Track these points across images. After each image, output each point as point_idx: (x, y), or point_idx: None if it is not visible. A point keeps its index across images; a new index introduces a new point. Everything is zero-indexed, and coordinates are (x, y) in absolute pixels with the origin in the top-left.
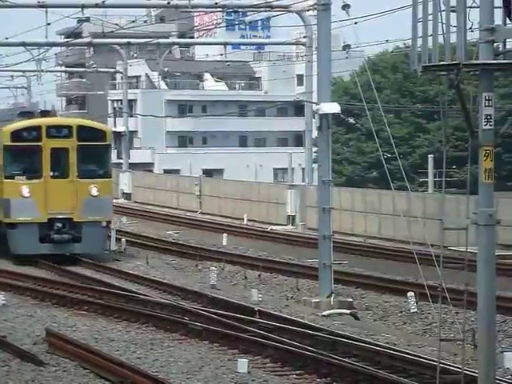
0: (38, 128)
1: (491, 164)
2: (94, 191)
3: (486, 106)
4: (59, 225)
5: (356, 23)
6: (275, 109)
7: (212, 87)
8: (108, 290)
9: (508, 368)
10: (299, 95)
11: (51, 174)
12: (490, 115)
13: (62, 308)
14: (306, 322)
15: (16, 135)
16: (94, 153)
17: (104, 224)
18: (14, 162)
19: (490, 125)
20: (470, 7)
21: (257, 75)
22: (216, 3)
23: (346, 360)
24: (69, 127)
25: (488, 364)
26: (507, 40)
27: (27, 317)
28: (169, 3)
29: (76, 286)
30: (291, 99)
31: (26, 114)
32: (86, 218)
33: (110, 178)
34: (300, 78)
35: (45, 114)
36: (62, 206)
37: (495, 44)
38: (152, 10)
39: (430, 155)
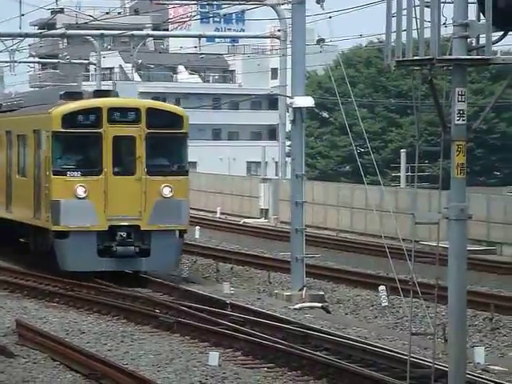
0: (97, 110)
1: (463, 159)
2: (167, 192)
3: (458, 101)
4: (123, 234)
5: (330, 17)
6: (249, 102)
7: (186, 80)
8: (78, 282)
9: (478, 363)
10: (273, 89)
11: (113, 169)
12: (462, 110)
13: (32, 299)
14: (278, 315)
15: (69, 120)
16: (168, 143)
17: (177, 233)
18: (65, 153)
19: (463, 120)
20: (444, 2)
21: (231, 68)
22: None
23: (317, 353)
24: (136, 110)
25: (458, 358)
26: (480, 36)
27: None
28: (137, 10)
29: (47, 277)
30: (265, 93)
31: (73, 94)
32: (157, 226)
33: (187, 175)
34: (274, 71)
35: (101, 94)
36: (127, 210)
37: (469, 40)
38: (126, 1)
39: (402, 150)
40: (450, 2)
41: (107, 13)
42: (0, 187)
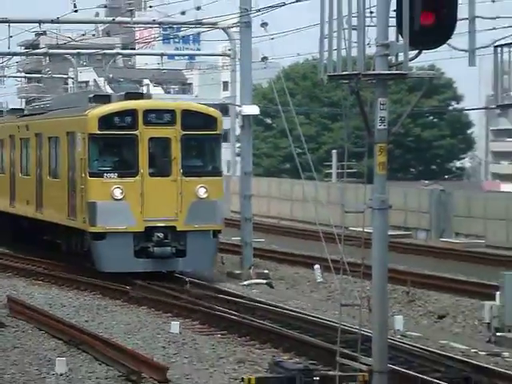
0: (133, 112)
1: (384, 158)
2: (202, 192)
3: (380, 110)
4: (160, 235)
5: (272, 38)
6: None
7: (150, 91)
8: (59, 263)
9: (398, 329)
10: (225, 99)
11: (149, 170)
12: (384, 117)
13: (21, 278)
14: (230, 290)
15: (105, 122)
16: (203, 144)
17: (212, 233)
18: (101, 155)
19: (384, 125)
20: (369, 26)
21: (189, 81)
22: (154, 20)
23: (263, 322)
24: (172, 112)
25: (381, 325)
26: (399, 54)
27: None
28: (114, 20)
29: (33, 259)
30: (218, 102)
31: (102, 97)
32: (193, 227)
33: (221, 175)
34: (225, 84)
35: (133, 96)
36: (163, 211)
37: (389, 57)
38: (99, 25)
39: (333, 150)
40: (373, 26)
41: (83, 35)
42: (29, 188)
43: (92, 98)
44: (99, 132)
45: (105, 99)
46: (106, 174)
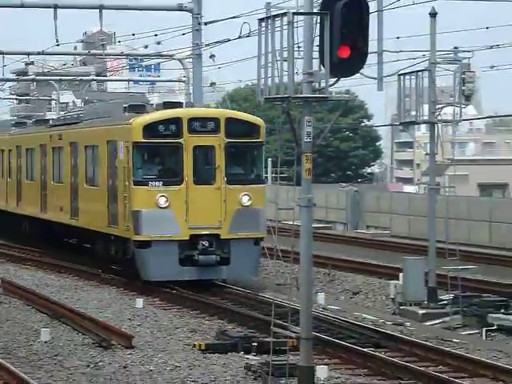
0: (177, 121)
1: (310, 165)
2: (246, 200)
3: (307, 126)
4: (205, 243)
5: (219, 68)
6: None
7: None
8: (43, 251)
9: (320, 303)
10: None
11: (194, 178)
12: (309, 132)
13: (13, 263)
14: None
15: (150, 130)
16: (246, 152)
17: (255, 241)
18: (146, 163)
19: (310, 138)
20: (296, 58)
21: (150, 103)
22: (122, 52)
23: (217, 299)
24: (216, 120)
25: (307, 300)
26: (321, 81)
27: None
28: (89, 52)
29: (23, 248)
30: None
31: (138, 107)
32: (236, 234)
33: (264, 183)
34: (181, 105)
35: (171, 106)
36: (208, 219)
37: (313, 84)
38: (77, 56)
39: (269, 159)
40: (300, 58)
41: (64, 64)
42: (63, 195)
43: (127, 108)
44: (144, 140)
45: (140, 109)
46: (150, 183)
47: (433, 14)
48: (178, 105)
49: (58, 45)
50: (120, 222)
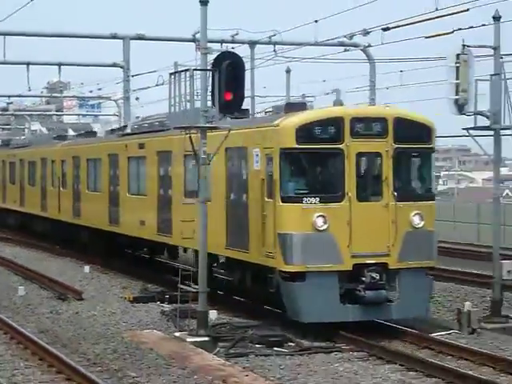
0: (338, 121)
1: (207, 173)
2: (418, 220)
3: (203, 145)
4: (374, 275)
5: (142, 106)
6: None
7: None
8: (21, 231)
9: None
10: None
11: (357, 194)
12: (205, 151)
13: None
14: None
15: (303, 133)
16: (416, 161)
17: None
18: (298, 175)
19: (204, 155)
20: (196, 100)
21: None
22: (74, 96)
23: (141, 269)
24: (382, 120)
25: (203, 267)
26: (214, 116)
27: None
28: (51, 95)
29: (4, 231)
30: None
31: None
32: (406, 264)
33: (434, 199)
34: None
35: (294, 108)
36: (374, 244)
37: (207, 117)
38: (44, 98)
39: None
40: (198, 100)
41: (33, 103)
42: (146, 210)
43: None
44: (297, 146)
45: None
46: (305, 199)
47: (287, 71)
48: (305, 106)
49: (29, 90)
50: (255, 246)
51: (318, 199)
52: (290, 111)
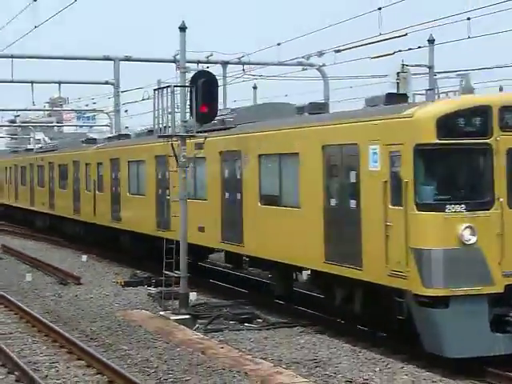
0: (484, 111)
1: (185, 174)
2: None
3: (183, 151)
4: None
5: (131, 117)
6: None
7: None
8: (29, 228)
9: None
10: None
11: (509, 199)
12: (185, 154)
13: (8, 235)
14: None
15: (445, 125)
16: None
17: None
18: (437, 177)
19: (184, 159)
20: (176, 112)
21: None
22: (72, 109)
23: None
24: None
25: (183, 255)
26: (192, 126)
27: None
28: (52, 109)
29: (14, 225)
30: None
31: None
32: None
33: None
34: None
35: (396, 99)
36: None
37: (186, 127)
38: (46, 111)
39: None
40: (178, 112)
41: (37, 116)
42: (206, 215)
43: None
44: (437, 141)
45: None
46: (448, 206)
47: (254, 87)
48: (403, 98)
49: (33, 104)
50: (372, 263)
51: (463, 206)
52: (390, 103)
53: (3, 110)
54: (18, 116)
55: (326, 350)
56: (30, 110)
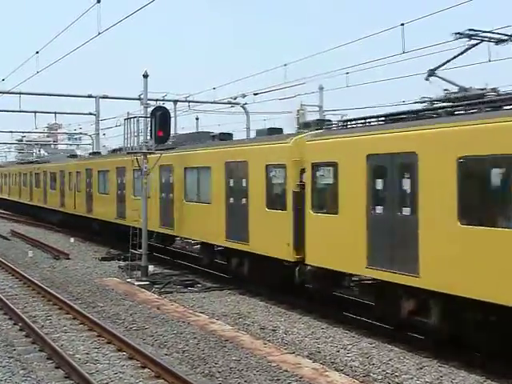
0: None
1: (146, 185)
2: None
3: (144, 165)
4: None
5: (107, 139)
6: None
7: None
8: (29, 217)
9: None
10: None
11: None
12: (146, 166)
13: (16, 222)
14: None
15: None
16: None
17: None
18: None
19: (146, 170)
20: (139, 135)
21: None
22: (64, 132)
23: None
24: None
25: (145, 237)
26: (152, 145)
27: (3, 225)
28: (50, 132)
29: (20, 216)
30: None
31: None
32: None
33: None
34: None
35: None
36: None
37: (147, 146)
38: (45, 133)
39: None
40: (142, 135)
41: (38, 136)
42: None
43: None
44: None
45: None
46: None
47: (197, 118)
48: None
49: (36, 128)
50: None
51: None
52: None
53: (13, 132)
54: (24, 136)
55: (247, 306)
56: (33, 132)
